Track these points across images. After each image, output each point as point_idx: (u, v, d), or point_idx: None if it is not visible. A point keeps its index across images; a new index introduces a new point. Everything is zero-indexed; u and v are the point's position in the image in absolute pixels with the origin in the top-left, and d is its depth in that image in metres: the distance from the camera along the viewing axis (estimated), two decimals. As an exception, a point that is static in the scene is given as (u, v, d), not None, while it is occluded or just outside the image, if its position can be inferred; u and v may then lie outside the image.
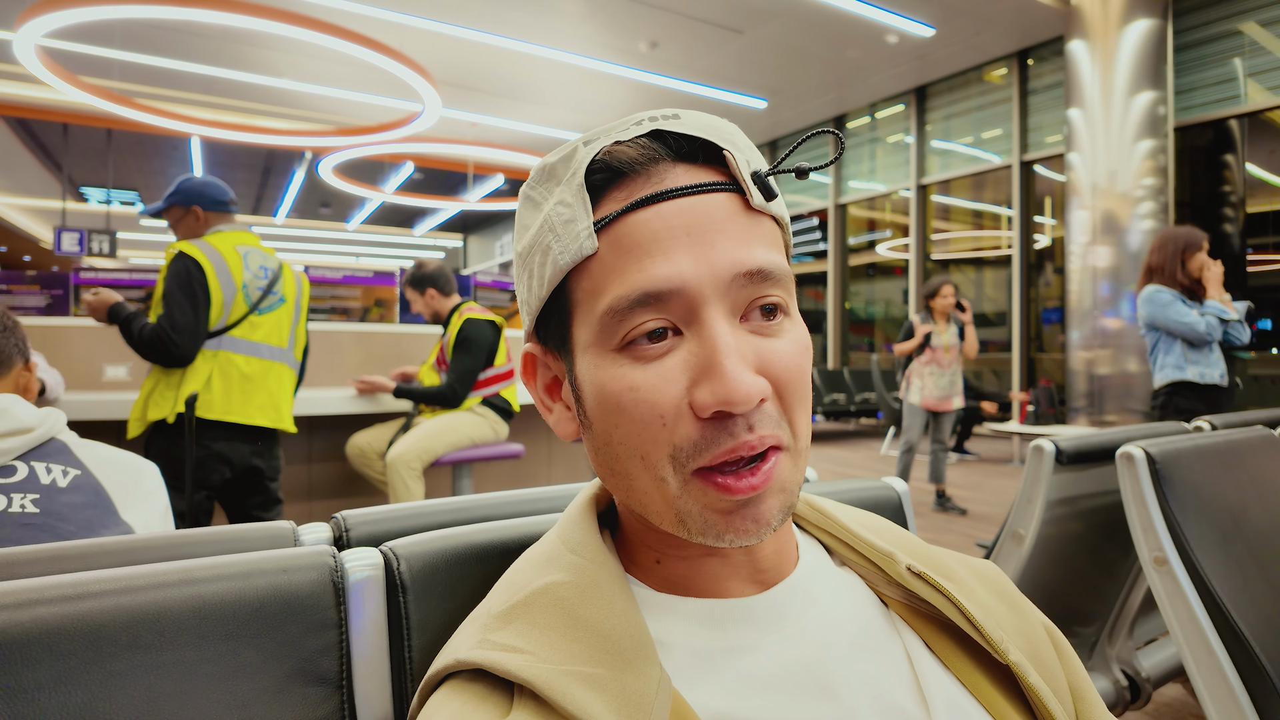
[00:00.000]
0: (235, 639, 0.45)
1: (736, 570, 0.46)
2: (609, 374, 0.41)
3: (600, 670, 0.39)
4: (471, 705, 0.39)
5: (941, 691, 0.44)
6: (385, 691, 0.50)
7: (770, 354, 0.41)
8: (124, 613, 0.43)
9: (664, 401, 0.39)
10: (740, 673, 0.42)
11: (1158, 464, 1.14)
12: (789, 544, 0.49)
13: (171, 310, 2.06)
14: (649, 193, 0.41)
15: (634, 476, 0.42)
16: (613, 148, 0.42)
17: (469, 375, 2.94)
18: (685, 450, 0.39)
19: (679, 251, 0.40)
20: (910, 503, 0.81)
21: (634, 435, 0.41)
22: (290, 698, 0.46)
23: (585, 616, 0.41)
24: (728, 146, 0.42)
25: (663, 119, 0.43)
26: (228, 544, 0.55)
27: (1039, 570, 1.35)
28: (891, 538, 0.53)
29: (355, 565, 0.51)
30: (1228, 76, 6.56)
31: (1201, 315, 2.94)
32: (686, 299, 0.40)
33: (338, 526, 0.60)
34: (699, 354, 0.39)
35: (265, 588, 0.47)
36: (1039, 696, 0.45)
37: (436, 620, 0.51)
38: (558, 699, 0.37)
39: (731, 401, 0.38)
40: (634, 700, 0.38)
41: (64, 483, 0.86)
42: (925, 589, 0.48)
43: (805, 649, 0.44)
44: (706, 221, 0.40)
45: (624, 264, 0.40)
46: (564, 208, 0.42)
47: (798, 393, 0.42)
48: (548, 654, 0.39)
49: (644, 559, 0.47)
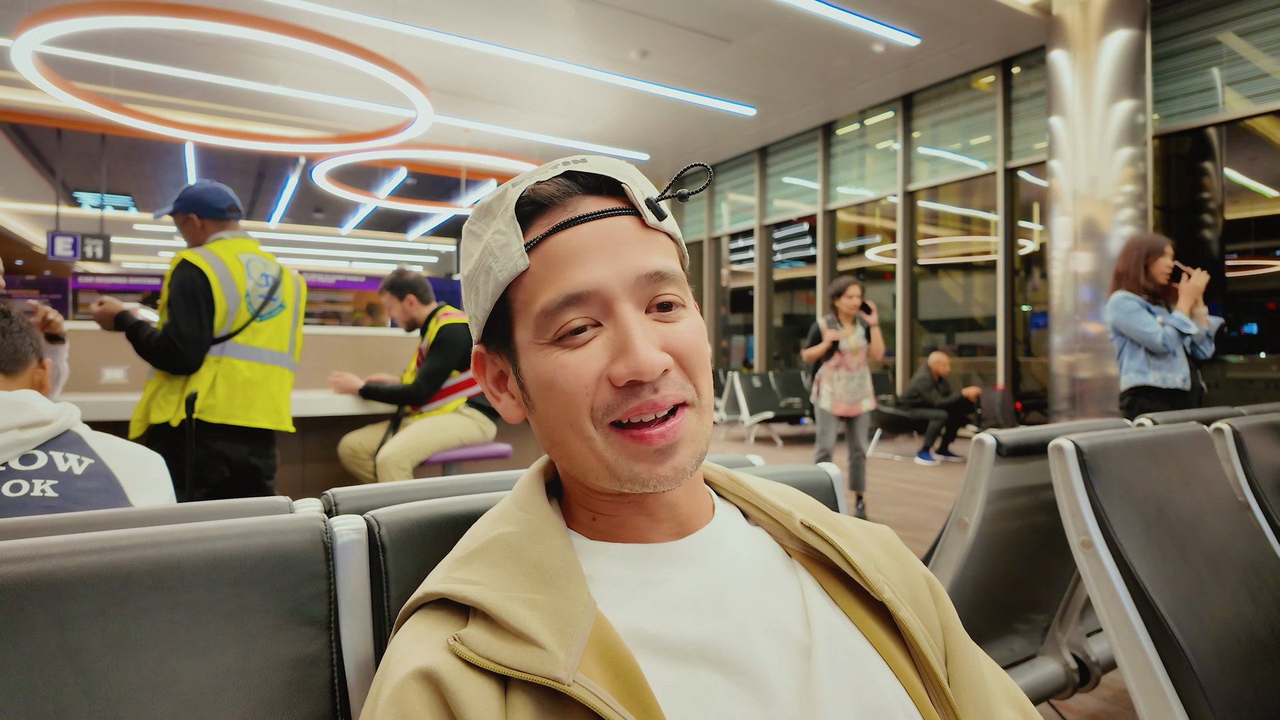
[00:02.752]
0: (241, 584, 0.54)
1: (659, 523, 0.56)
2: (545, 361, 0.52)
3: (538, 595, 0.49)
4: (436, 624, 0.49)
5: (824, 619, 0.54)
6: (368, 633, 0.59)
7: (672, 335, 0.53)
8: (151, 561, 0.52)
9: (587, 374, 0.51)
10: (653, 598, 0.52)
11: (1085, 455, 1.23)
12: (704, 500, 0.60)
13: (177, 319, 2.14)
14: (567, 218, 0.52)
15: (569, 443, 0.53)
16: (536, 186, 0.53)
17: (435, 374, 3.03)
18: (601, 409, 0.51)
19: (594, 261, 0.51)
20: (842, 486, 0.91)
21: (565, 405, 0.52)
22: (287, 634, 0.55)
23: (528, 556, 0.52)
24: (625, 180, 0.54)
25: (575, 163, 0.54)
26: (232, 512, 0.64)
27: (985, 556, 1.44)
28: (794, 501, 0.63)
29: (342, 529, 0.60)
30: (1206, 85, 6.69)
31: (1162, 325, 3.05)
32: (602, 297, 0.51)
33: (328, 501, 0.69)
34: (615, 338, 0.51)
35: (266, 544, 0.56)
36: (908, 628, 0.55)
37: (412, 575, 0.61)
38: (502, 615, 0.47)
39: (640, 371, 0.49)
40: (564, 616, 0.48)
41: (79, 470, 0.94)
42: (816, 540, 0.58)
43: (710, 579, 0.54)
44: (613, 238, 0.52)
45: (551, 274, 0.51)
46: (500, 235, 0.53)
47: (698, 361, 0.53)
48: (497, 584, 0.50)
49: (583, 517, 0.58)
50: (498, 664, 0.45)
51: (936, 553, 1.44)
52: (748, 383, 9.10)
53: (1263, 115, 6.44)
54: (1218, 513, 1.42)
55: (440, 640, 0.47)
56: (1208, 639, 1.19)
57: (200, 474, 2.20)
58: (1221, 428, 1.59)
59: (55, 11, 4.25)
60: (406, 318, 3.21)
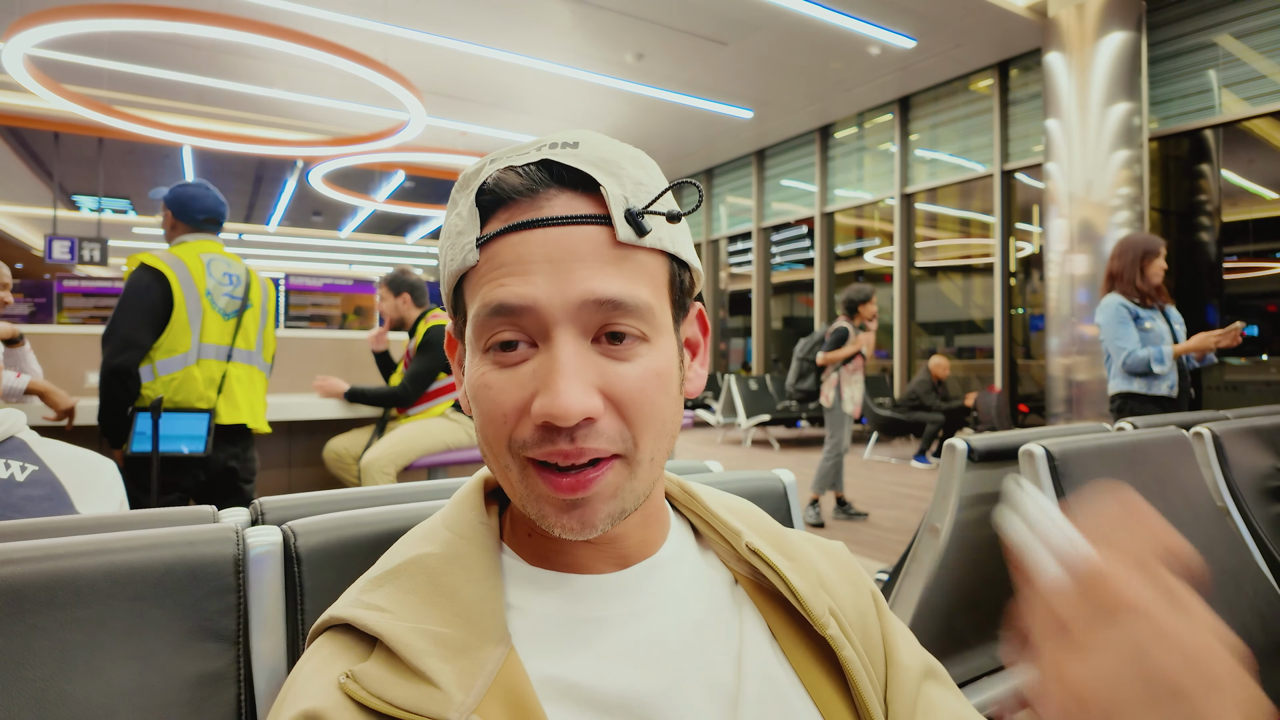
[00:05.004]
0: (142, 600, 0.52)
1: (599, 551, 0.51)
2: (476, 370, 0.47)
3: (449, 630, 0.45)
4: (338, 653, 0.46)
5: (760, 665, 0.50)
6: (281, 647, 0.58)
7: (614, 376, 0.45)
8: (44, 576, 0.50)
9: (507, 403, 0.45)
10: (580, 639, 0.48)
11: (1056, 461, 1.21)
12: (655, 531, 0.55)
13: (116, 320, 2.13)
14: (526, 219, 0.45)
15: (490, 462, 0.49)
16: (503, 173, 0.46)
17: (420, 377, 3.02)
18: (518, 443, 0.45)
19: (537, 275, 0.44)
20: (796, 493, 0.89)
21: (485, 427, 0.47)
22: (190, 650, 0.53)
23: (445, 584, 0.48)
24: (608, 182, 0.46)
25: (561, 147, 0.47)
26: (150, 524, 0.62)
27: (957, 563, 1.42)
28: (746, 519, 0.59)
29: (257, 540, 0.59)
30: (1203, 87, 6.67)
31: (1143, 346, 3.03)
32: (538, 317, 0.44)
33: (255, 510, 0.67)
34: (544, 367, 0.44)
35: (171, 557, 0.54)
36: (849, 669, 0.51)
37: (329, 587, 0.59)
38: (400, 648, 0.43)
39: (554, 415, 0.43)
40: (470, 654, 0.44)
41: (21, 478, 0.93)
42: (761, 565, 0.54)
43: (650, 624, 0.49)
44: (568, 252, 0.45)
45: (492, 277, 0.46)
46: (459, 219, 0.48)
47: (644, 412, 0.46)
48: (405, 613, 0.46)
49: (522, 531, 0.53)
50: (388, 703, 0.41)
51: (909, 559, 1.42)
52: (745, 385, 9.08)
53: (1260, 117, 6.42)
54: (1196, 519, 1.40)
55: (335, 675, 0.44)
56: (1181, 648, 1.17)
57: (175, 476, 2.18)
58: (1201, 432, 1.57)
59: (46, 15, 4.25)
60: (396, 315, 3.20)
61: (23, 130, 9.73)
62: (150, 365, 2.17)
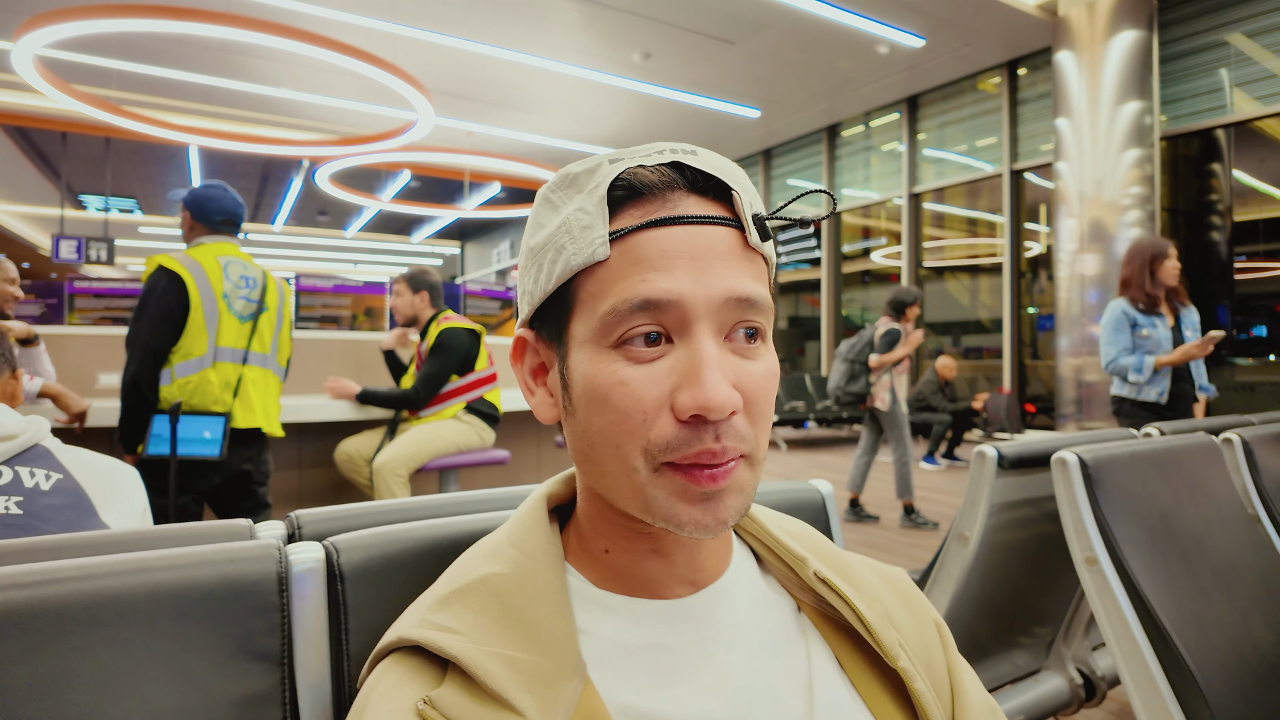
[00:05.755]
0: (184, 619, 0.51)
1: (674, 570, 0.51)
2: (601, 368, 0.45)
3: (523, 654, 0.44)
4: (409, 676, 0.44)
5: (831, 696, 0.50)
6: (325, 667, 0.56)
7: (746, 374, 0.46)
8: (85, 596, 0.49)
9: (648, 398, 0.44)
10: (650, 667, 0.48)
11: (1090, 468, 1.19)
12: (725, 547, 0.54)
13: (138, 324, 2.13)
14: (663, 215, 0.46)
15: (606, 463, 0.46)
16: (636, 170, 0.46)
17: (433, 379, 3.01)
18: (658, 446, 0.44)
19: (681, 271, 0.45)
20: (835, 504, 0.87)
21: (614, 426, 0.45)
22: (234, 670, 0.52)
23: (516, 605, 0.47)
24: (737, 188, 0.47)
25: (683, 153, 0.48)
26: (186, 539, 0.61)
27: (987, 570, 1.40)
28: (808, 544, 0.58)
29: (299, 557, 0.57)
30: (1214, 86, 6.63)
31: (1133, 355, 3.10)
32: (681, 312, 0.44)
33: (291, 524, 0.66)
34: (686, 362, 0.44)
35: (214, 575, 0.53)
36: (921, 702, 0.51)
37: (373, 606, 0.57)
38: (481, 675, 0.42)
39: (709, 408, 0.42)
40: (549, 681, 0.43)
41: (46, 486, 0.91)
42: (830, 594, 0.53)
43: (714, 651, 0.49)
44: (708, 249, 0.45)
45: (631, 273, 0.45)
46: (583, 214, 0.47)
47: (764, 411, 0.47)
48: (478, 636, 0.45)
49: (594, 547, 0.52)
50: None
51: (936, 567, 1.40)
52: (751, 386, 9.03)
53: (1271, 116, 6.38)
54: (1226, 526, 1.38)
55: (411, 700, 0.43)
56: (1215, 659, 1.15)
57: (189, 479, 2.17)
58: (1230, 438, 1.55)
59: (55, 15, 4.25)
60: (411, 313, 3.18)
61: (30, 130, 9.75)
62: (168, 369, 2.17)
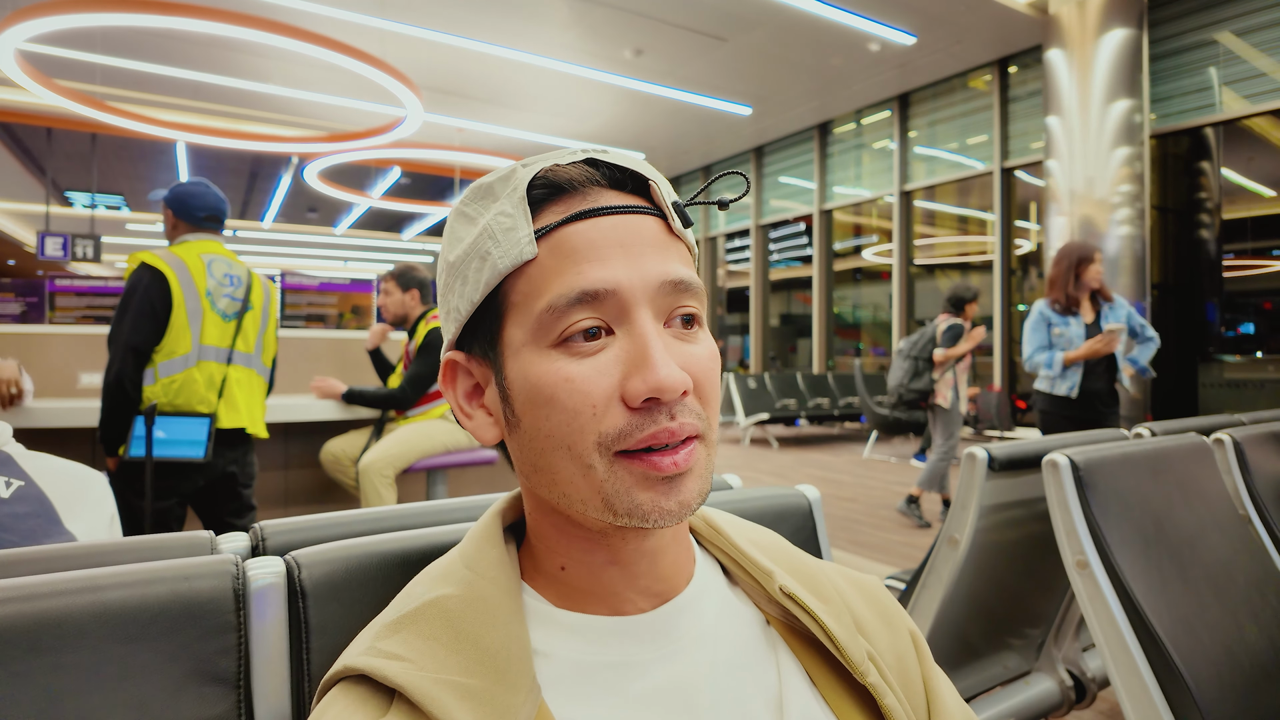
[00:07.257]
0: (135, 641, 0.48)
1: (635, 581, 0.49)
2: (544, 368, 0.44)
3: (474, 680, 0.42)
4: (354, 707, 0.42)
5: (801, 710, 0.48)
6: (284, 689, 0.53)
7: (690, 356, 0.46)
8: (26, 618, 0.46)
9: (597, 391, 0.43)
10: (613, 688, 0.46)
11: (1081, 471, 1.18)
12: (686, 556, 0.53)
13: (120, 323, 2.09)
14: (586, 208, 0.46)
15: (558, 469, 0.45)
16: (553, 168, 0.47)
17: (420, 379, 2.97)
18: (611, 436, 0.43)
19: (613, 259, 0.44)
20: (821, 510, 0.85)
21: (564, 425, 0.43)
22: (187, 696, 0.49)
23: (467, 630, 0.44)
24: (653, 178, 0.48)
25: (596, 151, 0.48)
26: (143, 553, 0.58)
27: (977, 573, 1.39)
28: (776, 555, 0.56)
29: (258, 573, 0.55)
30: (1204, 85, 6.64)
31: (1048, 349, 3.28)
32: (619, 300, 0.44)
33: (255, 536, 0.63)
34: (630, 349, 0.44)
35: (166, 594, 0.50)
36: (892, 718, 0.49)
37: (337, 624, 0.55)
38: (427, 704, 0.40)
39: (662, 388, 0.42)
40: (501, 709, 0.41)
41: (6, 494, 0.88)
42: (796, 609, 0.51)
43: (679, 668, 0.47)
44: (636, 237, 0.46)
45: (564, 267, 0.44)
46: (504, 217, 0.46)
47: (712, 393, 0.47)
48: (427, 663, 0.42)
49: (549, 566, 0.50)
50: None
51: (926, 571, 1.38)
52: (743, 384, 9.04)
53: (1260, 115, 6.40)
54: (1218, 528, 1.37)
55: None
56: (1208, 663, 1.14)
57: (173, 481, 2.14)
58: (1222, 438, 1.54)
59: (38, 9, 4.18)
60: (401, 311, 3.14)
61: (15, 126, 9.64)
62: (151, 368, 2.13)
